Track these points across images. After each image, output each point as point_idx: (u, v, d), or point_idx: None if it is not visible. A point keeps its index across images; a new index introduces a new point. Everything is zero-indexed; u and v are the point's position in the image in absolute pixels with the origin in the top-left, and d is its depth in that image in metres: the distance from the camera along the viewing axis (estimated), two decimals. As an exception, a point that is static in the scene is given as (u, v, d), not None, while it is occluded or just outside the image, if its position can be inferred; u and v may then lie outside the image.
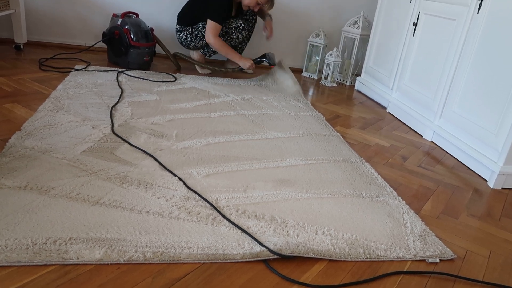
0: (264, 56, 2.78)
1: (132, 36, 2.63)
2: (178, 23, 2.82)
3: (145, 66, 2.75)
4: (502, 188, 1.76)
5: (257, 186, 1.46)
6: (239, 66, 2.80)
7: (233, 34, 2.76)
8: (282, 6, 3.26)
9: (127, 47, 2.64)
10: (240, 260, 1.09)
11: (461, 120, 1.98)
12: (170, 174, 1.46)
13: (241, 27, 2.75)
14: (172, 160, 1.56)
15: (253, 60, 2.77)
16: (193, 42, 2.81)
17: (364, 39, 3.15)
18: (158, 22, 3.13)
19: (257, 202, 1.36)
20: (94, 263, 1.01)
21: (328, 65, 3.08)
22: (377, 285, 1.08)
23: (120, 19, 2.67)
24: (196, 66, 2.96)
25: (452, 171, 1.87)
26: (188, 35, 2.79)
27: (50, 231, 1.07)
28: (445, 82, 2.12)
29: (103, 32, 2.75)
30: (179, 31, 2.82)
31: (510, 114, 1.69)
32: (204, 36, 2.73)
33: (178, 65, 2.94)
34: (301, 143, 1.90)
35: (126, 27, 2.63)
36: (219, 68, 2.87)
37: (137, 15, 2.78)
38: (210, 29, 2.63)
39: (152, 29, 2.75)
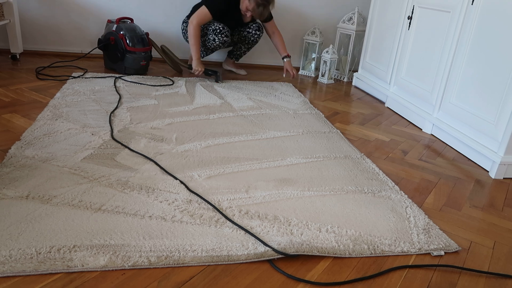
0: (215, 72, 2.77)
1: (127, 41, 2.63)
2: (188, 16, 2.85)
3: (142, 70, 2.75)
4: (503, 178, 1.76)
5: (259, 186, 1.46)
6: (189, 64, 2.79)
7: (210, 36, 2.74)
8: (277, 5, 3.26)
9: (123, 52, 2.64)
10: (245, 261, 1.09)
11: (460, 111, 1.98)
12: (171, 177, 1.46)
13: (218, 30, 2.71)
14: (173, 164, 1.56)
15: (205, 69, 2.74)
16: (186, 35, 2.87)
17: (360, 35, 3.15)
18: (154, 26, 3.13)
19: (260, 202, 1.36)
20: (99, 269, 1.01)
21: (325, 62, 3.08)
22: (383, 280, 1.08)
23: (115, 25, 2.67)
24: (189, 62, 2.98)
25: (453, 163, 1.87)
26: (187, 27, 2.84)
27: (54, 239, 1.08)
28: (442, 74, 2.12)
29: (99, 39, 2.75)
30: (183, 22, 2.86)
31: (509, 104, 1.69)
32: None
33: (179, 68, 2.93)
34: (301, 141, 1.90)
35: (121, 32, 2.63)
36: (174, 58, 2.86)
37: (132, 20, 2.78)
38: (198, 13, 2.61)
39: (147, 34, 2.75)
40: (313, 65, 3.32)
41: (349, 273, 1.09)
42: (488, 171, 1.81)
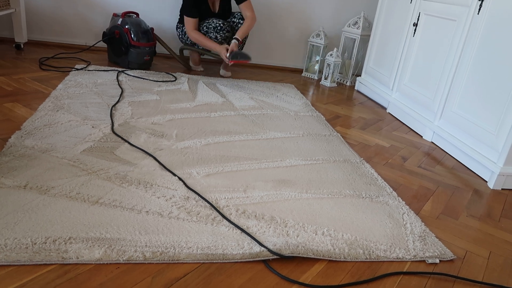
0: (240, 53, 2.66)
1: (132, 35, 2.63)
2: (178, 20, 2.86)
3: (146, 65, 2.75)
4: (502, 189, 1.76)
5: (257, 186, 1.46)
6: (215, 53, 2.75)
7: (211, 34, 2.72)
8: (282, 6, 3.26)
9: (127, 46, 2.64)
10: (239, 260, 1.09)
11: (461, 120, 1.98)
12: (170, 174, 1.46)
13: (219, 27, 2.71)
14: (172, 160, 1.56)
15: (230, 53, 2.61)
16: (184, 39, 2.85)
17: (365, 40, 3.15)
18: (159, 21, 3.13)
19: (257, 202, 1.35)
20: (93, 262, 1.01)
21: (329, 65, 3.08)
22: (377, 285, 1.08)
23: (121, 19, 2.67)
24: (190, 63, 3.00)
25: (452, 172, 1.87)
26: (181, 32, 2.84)
27: (50, 230, 1.07)
28: (445, 82, 2.12)
29: (104, 32, 2.75)
30: (177, 28, 2.87)
31: (510, 115, 1.69)
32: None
33: (187, 64, 2.93)
34: (301, 143, 1.90)
35: (126, 26, 2.63)
36: (202, 51, 2.84)
37: (137, 14, 2.78)
38: (186, 24, 2.67)
39: (152, 29, 2.75)
40: (316, 67, 3.32)
41: (343, 277, 1.09)
42: (486, 181, 1.81)
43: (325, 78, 3.14)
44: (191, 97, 2.32)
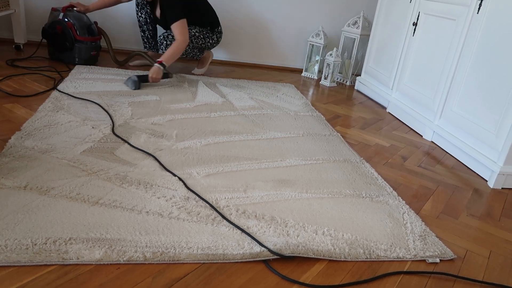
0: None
1: (76, 30, 2.53)
2: None
3: (92, 61, 2.67)
4: (502, 188, 1.76)
5: (257, 186, 1.46)
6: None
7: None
8: (282, 4, 3.26)
9: (72, 42, 2.55)
10: (240, 260, 1.09)
11: (461, 120, 1.98)
12: (170, 174, 1.46)
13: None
14: (172, 160, 1.56)
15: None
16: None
17: (364, 39, 3.15)
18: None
19: (257, 202, 1.35)
20: (94, 263, 1.01)
21: (328, 65, 3.08)
22: (377, 285, 1.08)
23: (62, 13, 2.55)
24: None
25: (452, 171, 1.87)
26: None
27: (50, 231, 1.08)
28: (445, 82, 2.12)
29: (43, 28, 2.60)
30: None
31: (510, 114, 1.69)
32: None
33: (117, 61, 2.76)
34: (301, 143, 1.90)
35: (69, 21, 2.52)
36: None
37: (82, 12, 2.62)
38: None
39: (96, 23, 2.67)
40: (316, 67, 3.32)
41: (343, 276, 1.09)
42: (486, 181, 1.81)
43: (325, 78, 3.14)
44: (191, 97, 2.32)
